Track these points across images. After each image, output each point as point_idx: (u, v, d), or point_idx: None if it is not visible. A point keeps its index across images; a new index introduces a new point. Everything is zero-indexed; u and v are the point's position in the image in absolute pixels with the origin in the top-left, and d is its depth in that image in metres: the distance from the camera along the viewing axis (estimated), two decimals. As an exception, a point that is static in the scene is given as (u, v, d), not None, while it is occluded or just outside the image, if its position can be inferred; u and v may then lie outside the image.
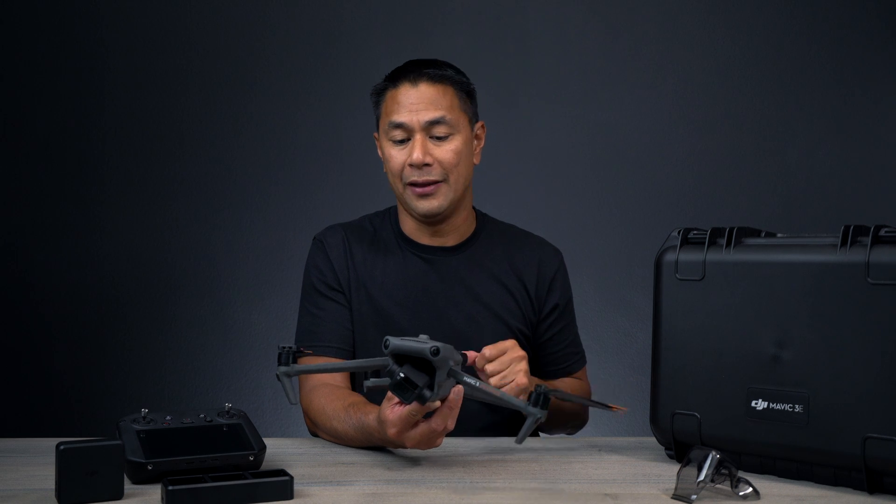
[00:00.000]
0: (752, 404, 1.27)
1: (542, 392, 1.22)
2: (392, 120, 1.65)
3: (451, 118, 1.65)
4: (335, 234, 1.75)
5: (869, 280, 1.16)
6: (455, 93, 1.67)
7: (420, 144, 1.63)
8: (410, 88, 1.64)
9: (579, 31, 3.11)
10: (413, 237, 1.74)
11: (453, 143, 1.65)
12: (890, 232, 1.18)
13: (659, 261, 1.39)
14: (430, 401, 1.23)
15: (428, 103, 1.63)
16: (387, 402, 1.30)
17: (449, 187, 1.66)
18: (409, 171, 1.64)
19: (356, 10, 3.09)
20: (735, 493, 1.15)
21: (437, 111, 1.63)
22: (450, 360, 1.22)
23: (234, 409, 1.32)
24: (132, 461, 1.19)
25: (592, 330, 2.97)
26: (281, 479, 1.15)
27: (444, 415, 1.26)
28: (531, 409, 1.22)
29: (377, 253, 1.73)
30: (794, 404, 1.23)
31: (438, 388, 1.22)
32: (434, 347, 1.19)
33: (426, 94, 1.64)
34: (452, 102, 1.66)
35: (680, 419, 1.35)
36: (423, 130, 1.63)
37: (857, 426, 1.17)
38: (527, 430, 1.23)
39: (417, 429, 1.28)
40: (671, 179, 3.08)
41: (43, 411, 3.00)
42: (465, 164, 1.68)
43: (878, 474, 1.17)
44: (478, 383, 1.25)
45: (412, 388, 1.20)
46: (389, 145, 1.67)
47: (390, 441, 1.34)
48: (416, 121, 1.63)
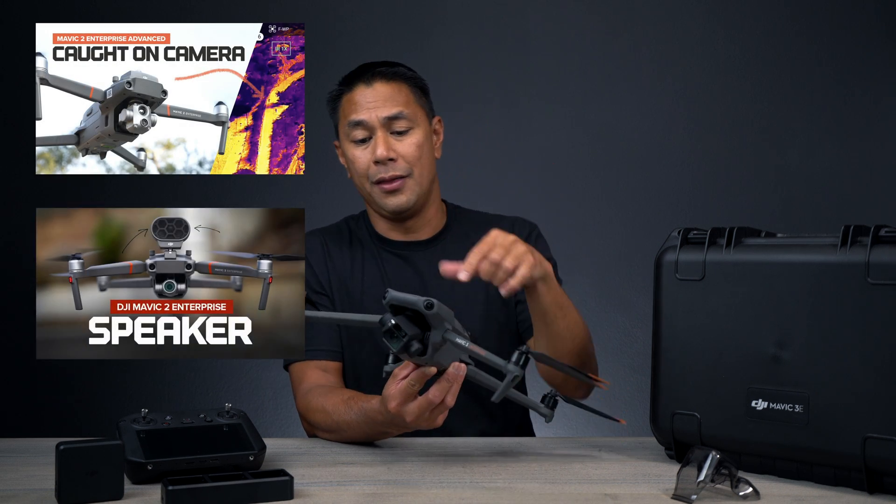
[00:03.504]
0: (752, 404, 1.27)
1: (523, 352, 1.27)
2: (351, 119, 1.67)
3: (409, 112, 1.68)
4: (313, 240, 1.77)
5: (869, 280, 1.16)
6: (410, 89, 1.70)
7: (382, 140, 1.66)
8: (366, 88, 1.68)
9: (579, 31, 3.11)
10: (386, 235, 1.76)
11: (414, 136, 1.68)
12: (890, 232, 1.18)
13: (659, 261, 1.39)
14: (425, 360, 1.24)
15: (384, 100, 1.67)
16: (392, 379, 1.32)
17: (415, 181, 1.68)
18: (375, 169, 1.67)
19: (356, 10, 3.09)
20: (735, 493, 1.15)
21: (394, 107, 1.66)
22: (445, 321, 1.23)
23: (234, 409, 1.32)
24: (132, 461, 1.19)
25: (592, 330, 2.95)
26: (281, 479, 1.15)
27: (443, 387, 1.27)
28: (510, 367, 1.26)
29: (355, 254, 1.75)
30: (794, 404, 1.23)
31: (434, 350, 1.23)
32: (428, 302, 1.21)
33: (382, 91, 1.67)
34: (408, 98, 1.69)
35: (680, 419, 1.35)
36: (382, 127, 1.66)
37: (857, 426, 1.17)
38: (505, 387, 1.26)
39: (416, 402, 1.29)
40: (671, 179, 3.08)
41: (43, 411, 3.00)
42: (427, 158, 1.70)
43: (878, 474, 1.17)
44: (467, 343, 1.26)
45: (401, 335, 1.21)
46: (352, 146, 1.69)
47: (393, 421, 1.35)
48: (375, 117, 1.66)
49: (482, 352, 1.28)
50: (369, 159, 1.67)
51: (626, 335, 3.06)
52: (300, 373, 1.65)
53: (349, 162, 1.71)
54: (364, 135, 1.67)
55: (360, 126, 1.67)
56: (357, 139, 1.68)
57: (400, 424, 1.35)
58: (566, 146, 3.09)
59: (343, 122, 1.70)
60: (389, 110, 1.66)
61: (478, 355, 1.28)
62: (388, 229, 1.76)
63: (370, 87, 1.68)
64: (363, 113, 1.66)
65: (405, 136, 1.67)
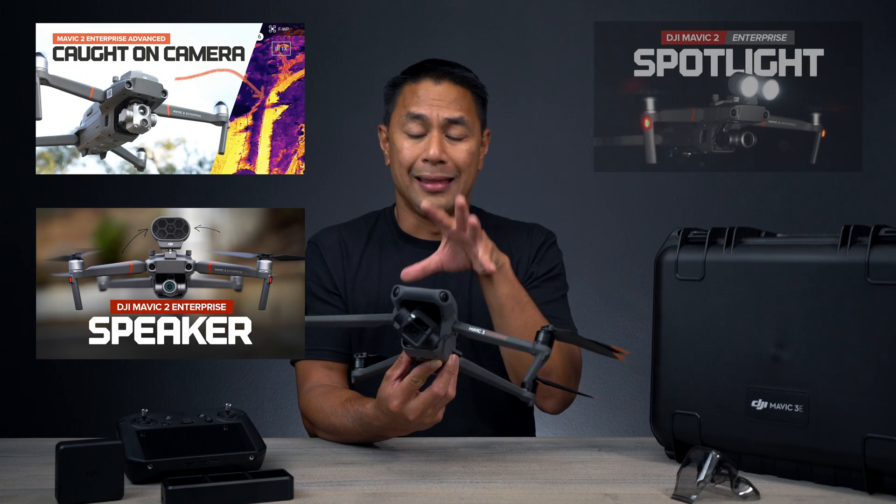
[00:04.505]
0: (752, 404, 1.27)
1: (549, 331, 1.28)
2: (411, 111, 1.65)
3: (469, 120, 1.67)
4: (330, 236, 1.76)
5: (869, 280, 1.16)
6: (473, 97, 1.70)
7: (437, 141, 1.64)
8: (433, 85, 1.66)
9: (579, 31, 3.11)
10: (412, 234, 1.75)
11: (467, 143, 1.67)
12: (890, 232, 1.18)
13: (659, 261, 1.39)
14: (436, 354, 1.22)
15: (449, 102, 1.66)
16: (385, 382, 1.30)
17: (458, 186, 1.68)
18: (421, 166, 1.65)
19: (356, 10, 3.09)
20: (735, 493, 1.15)
21: (457, 111, 1.66)
22: (455, 312, 1.22)
23: (234, 409, 1.32)
24: (132, 461, 1.19)
25: (593, 330, 2.96)
26: (281, 479, 1.15)
27: (446, 379, 1.26)
28: (539, 346, 1.27)
29: (374, 250, 1.74)
30: (794, 404, 1.23)
31: (444, 341, 1.22)
32: (443, 293, 1.20)
33: (448, 92, 1.66)
34: (471, 105, 1.69)
35: (680, 419, 1.35)
36: (440, 127, 1.65)
37: (857, 426, 1.17)
38: (535, 369, 1.26)
39: (419, 398, 1.28)
40: (671, 179, 3.08)
41: (43, 411, 3.00)
42: (474, 167, 1.71)
43: (878, 474, 1.17)
44: (482, 332, 1.26)
45: (423, 329, 1.20)
46: (402, 137, 1.67)
47: (392, 424, 1.34)
48: (437, 116, 1.65)
49: (503, 337, 1.29)
50: (418, 155, 1.66)
51: (627, 335, 3.06)
52: (305, 371, 1.65)
53: (395, 151, 1.69)
54: (420, 130, 1.66)
55: (419, 120, 1.65)
56: (411, 132, 1.66)
57: (401, 425, 1.33)
58: (566, 146, 3.09)
59: (400, 111, 1.68)
60: (452, 113, 1.65)
61: (499, 340, 1.28)
62: (415, 227, 1.75)
63: (438, 85, 1.66)
64: (425, 108, 1.65)
65: (459, 142, 1.66)
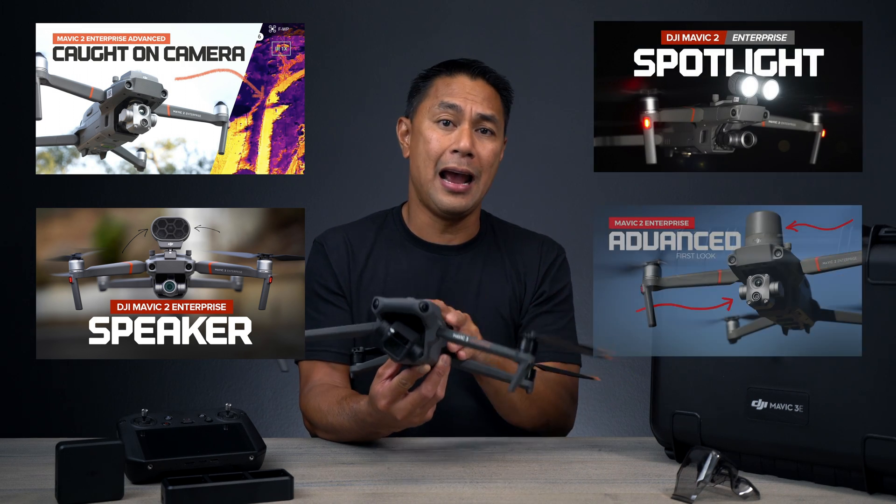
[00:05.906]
0: (752, 404, 1.27)
1: (531, 338, 1.25)
2: (445, 100, 1.66)
3: (498, 121, 1.69)
4: (336, 236, 1.76)
5: (869, 280, 1.16)
6: (502, 101, 1.72)
7: (468, 133, 1.65)
8: (469, 80, 1.69)
9: (579, 30, 3.11)
10: (421, 235, 1.74)
11: (494, 143, 1.69)
12: (890, 232, 1.18)
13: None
14: (421, 361, 1.23)
15: (483, 98, 1.68)
16: (377, 379, 1.31)
17: (478, 187, 1.68)
18: (449, 157, 1.65)
19: (356, 10, 3.09)
20: (735, 493, 1.15)
21: (490, 109, 1.68)
22: (438, 319, 1.23)
23: (234, 409, 1.32)
24: (132, 461, 1.19)
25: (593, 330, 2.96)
26: (281, 479, 1.15)
27: (434, 381, 1.27)
28: (521, 355, 1.24)
29: (380, 251, 1.74)
30: (794, 404, 1.23)
31: (428, 347, 1.22)
32: (423, 303, 1.21)
33: (483, 89, 1.69)
34: (500, 108, 1.71)
35: (680, 419, 1.34)
36: (472, 122, 1.66)
37: (857, 426, 1.17)
38: (519, 376, 1.24)
39: (407, 398, 1.28)
40: (671, 179, 3.08)
41: (43, 411, 3.00)
42: (494, 169, 1.72)
43: (878, 474, 1.17)
44: (467, 338, 1.26)
45: (402, 342, 1.21)
46: (432, 127, 1.67)
47: (382, 421, 1.34)
48: (470, 109, 1.66)
49: (487, 344, 1.28)
50: (447, 146, 1.65)
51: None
52: (308, 370, 1.65)
53: (421, 142, 1.69)
54: (451, 118, 1.66)
55: (453, 109, 1.66)
56: (442, 119, 1.66)
57: (390, 423, 1.34)
58: (566, 146, 3.09)
59: (432, 101, 1.68)
60: (485, 109, 1.67)
61: (483, 347, 1.27)
62: (425, 227, 1.74)
63: (474, 81, 1.68)
64: (459, 99, 1.66)
65: (487, 140, 1.68)
